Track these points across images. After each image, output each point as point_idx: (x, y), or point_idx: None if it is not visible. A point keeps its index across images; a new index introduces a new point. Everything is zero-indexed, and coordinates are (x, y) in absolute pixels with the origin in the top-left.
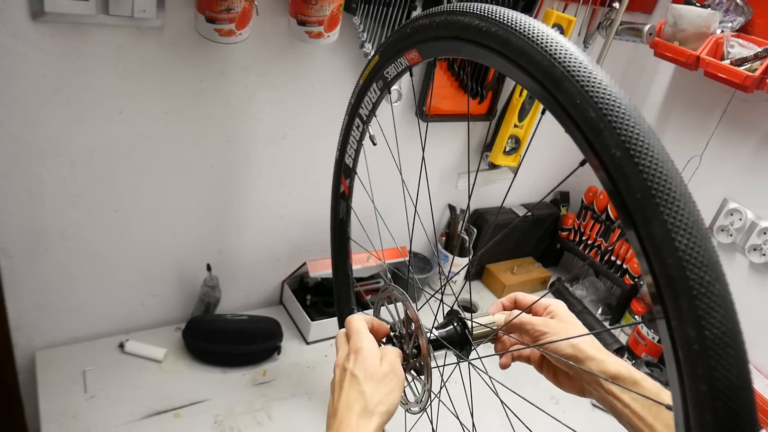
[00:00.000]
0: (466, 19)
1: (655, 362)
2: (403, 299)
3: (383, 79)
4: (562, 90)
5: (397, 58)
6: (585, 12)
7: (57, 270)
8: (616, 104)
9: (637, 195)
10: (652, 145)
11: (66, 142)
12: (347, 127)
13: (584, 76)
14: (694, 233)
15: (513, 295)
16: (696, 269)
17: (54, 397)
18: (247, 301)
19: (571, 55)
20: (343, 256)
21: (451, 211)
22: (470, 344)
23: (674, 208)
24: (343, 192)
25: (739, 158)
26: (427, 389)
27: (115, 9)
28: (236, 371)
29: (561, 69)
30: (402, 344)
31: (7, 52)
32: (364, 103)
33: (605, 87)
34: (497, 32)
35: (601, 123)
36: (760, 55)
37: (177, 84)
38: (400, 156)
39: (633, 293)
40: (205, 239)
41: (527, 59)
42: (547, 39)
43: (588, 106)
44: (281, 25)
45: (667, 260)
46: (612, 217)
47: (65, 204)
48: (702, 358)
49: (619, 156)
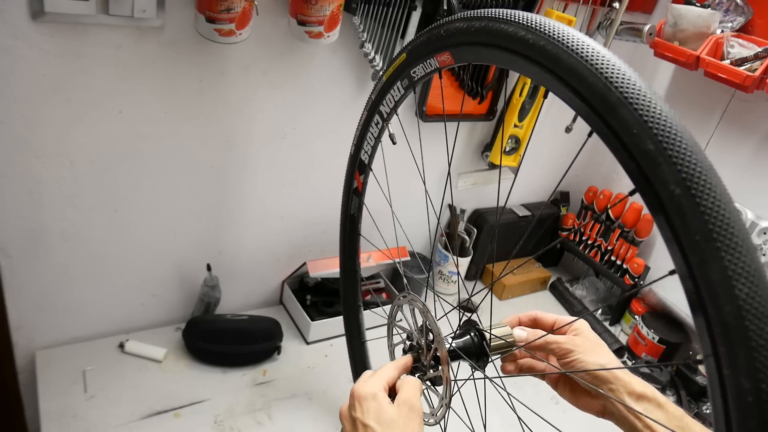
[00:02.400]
0: (510, 28)
1: (655, 362)
2: (424, 310)
3: (409, 78)
4: (617, 117)
5: (427, 59)
6: (585, 12)
7: (57, 270)
8: (678, 137)
9: (696, 237)
10: (714, 185)
11: (66, 142)
12: (365, 122)
13: (643, 104)
14: (756, 282)
15: (533, 314)
16: (756, 320)
17: (54, 397)
18: (247, 301)
19: (629, 80)
20: (351, 253)
21: (451, 211)
22: (487, 356)
23: (735, 254)
24: (356, 188)
25: (739, 158)
26: (445, 404)
27: (115, 9)
28: (236, 371)
29: (617, 95)
30: (419, 354)
31: (7, 52)
32: (386, 100)
33: (665, 118)
34: (546, 47)
35: (660, 157)
36: (760, 55)
37: (177, 84)
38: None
39: (633, 293)
40: (205, 239)
41: (579, 80)
42: (604, 60)
43: (646, 137)
44: (281, 25)
45: (725, 308)
46: (612, 217)
47: (65, 204)
48: (757, 411)
49: (678, 193)
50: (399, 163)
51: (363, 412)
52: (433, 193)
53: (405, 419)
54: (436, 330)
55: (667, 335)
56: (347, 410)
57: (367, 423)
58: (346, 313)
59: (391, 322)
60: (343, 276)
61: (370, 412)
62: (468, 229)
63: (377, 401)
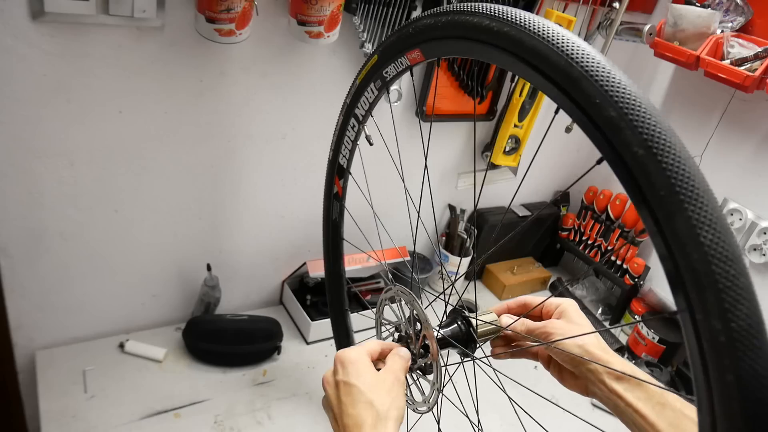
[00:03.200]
0: (475, 19)
1: (655, 362)
2: (410, 299)
3: (381, 78)
4: (580, 90)
5: (398, 57)
6: (585, 12)
7: (57, 270)
8: (637, 103)
9: (661, 192)
10: (673, 143)
11: (66, 142)
12: (342, 127)
13: (603, 75)
14: (718, 228)
15: (522, 299)
16: (721, 263)
17: (54, 397)
18: (247, 301)
19: (589, 55)
20: (335, 257)
21: (451, 211)
22: (475, 342)
23: (698, 204)
24: (336, 192)
25: (739, 158)
26: (437, 389)
27: (115, 9)
28: (236, 371)
29: (579, 69)
30: (408, 344)
31: (8, 52)
32: (361, 103)
33: (625, 86)
34: (509, 32)
35: (623, 122)
36: (760, 55)
37: (177, 84)
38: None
39: (633, 293)
40: (205, 239)
41: (542, 59)
42: (564, 39)
43: (608, 105)
44: (281, 25)
45: (692, 255)
46: (612, 217)
47: (65, 204)
48: (728, 348)
49: (642, 154)
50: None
51: (347, 373)
52: (434, 193)
53: (389, 385)
54: (423, 316)
55: (667, 335)
56: (331, 375)
57: (349, 381)
58: (333, 317)
59: (378, 316)
60: (328, 281)
61: (353, 374)
62: (468, 229)
63: (362, 364)
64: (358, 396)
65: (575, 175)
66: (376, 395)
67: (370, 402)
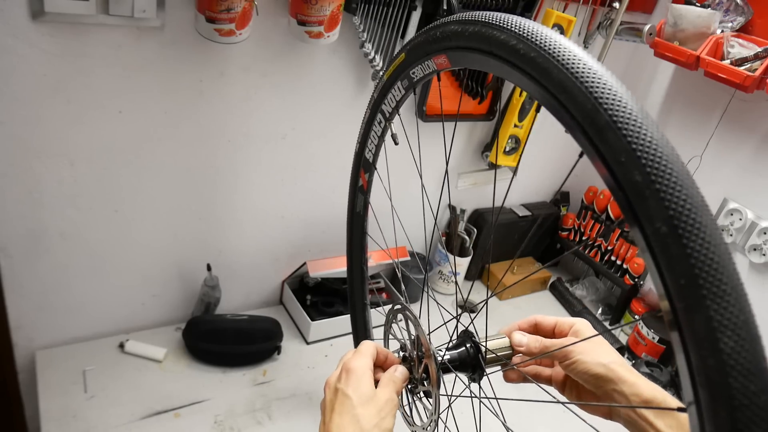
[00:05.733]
0: (502, 35)
1: (655, 362)
2: (415, 323)
3: (409, 78)
4: (605, 142)
5: (425, 60)
6: (585, 12)
7: (57, 270)
8: (667, 170)
9: (681, 281)
10: (704, 225)
11: (66, 141)
12: (368, 121)
13: (633, 130)
14: (743, 335)
15: (533, 318)
16: (740, 377)
17: (54, 397)
18: (247, 301)
19: (621, 101)
20: (358, 251)
21: (451, 211)
22: (482, 369)
23: (723, 303)
24: (361, 186)
25: (739, 158)
26: (434, 419)
27: (115, 9)
28: (236, 371)
29: (607, 117)
30: (411, 367)
31: (8, 52)
32: (387, 99)
33: (656, 147)
34: (537, 59)
35: (647, 190)
36: (760, 55)
37: (177, 84)
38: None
39: (633, 293)
40: (205, 239)
41: (568, 97)
42: (595, 78)
43: (634, 167)
44: (281, 25)
45: (707, 360)
46: (612, 217)
47: (65, 204)
48: None
49: (664, 232)
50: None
51: (347, 384)
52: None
53: (381, 404)
54: (426, 346)
55: (667, 335)
56: (333, 380)
57: (346, 392)
58: (353, 311)
59: (387, 331)
60: (349, 274)
61: (352, 385)
62: (468, 229)
63: (363, 378)
64: (349, 408)
65: (576, 175)
66: (366, 412)
67: (357, 417)
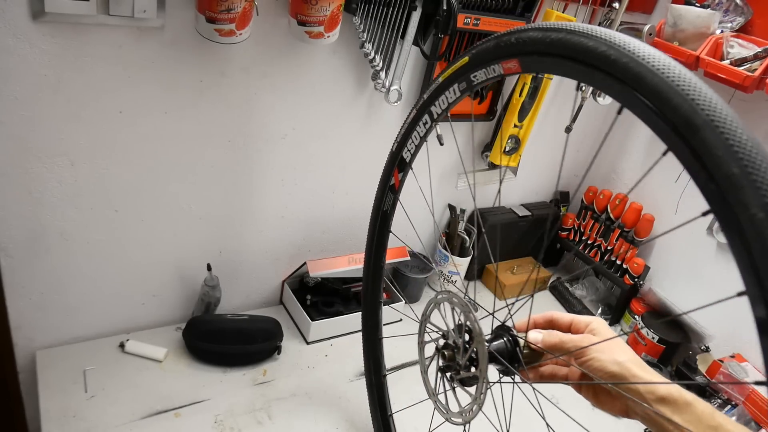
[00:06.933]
0: (590, 42)
1: (655, 362)
2: (466, 310)
3: (468, 81)
4: (701, 139)
5: (492, 64)
6: (585, 12)
7: (57, 270)
8: (762, 163)
9: None
10: None
11: (66, 142)
12: (413, 121)
13: (730, 128)
14: None
15: (549, 315)
16: None
17: (54, 396)
18: (247, 301)
19: (716, 104)
20: (379, 249)
21: (451, 211)
22: (519, 362)
23: None
24: (393, 185)
25: None
26: (479, 404)
27: (115, 9)
28: (236, 371)
29: (703, 116)
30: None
31: (8, 52)
32: (439, 101)
33: (750, 143)
34: (629, 64)
35: (745, 180)
36: (760, 55)
37: (177, 84)
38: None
39: (633, 293)
40: (205, 239)
41: (663, 101)
42: (689, 83)
43: (731, 160)
44: (281, 25)
45: None
46: (612, 217)
47: (65, 204)
48: None
49: (761, 218)
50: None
51: None
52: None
53: None
54: (477, 329)
55: (666, 335)
56: None
57: None
58: (365, 308)
59: (424, 319)
60: (367, 272)
61: None
62: (468, 229)
63: None
64: None
65: (576, 175)
66: None
67: None
